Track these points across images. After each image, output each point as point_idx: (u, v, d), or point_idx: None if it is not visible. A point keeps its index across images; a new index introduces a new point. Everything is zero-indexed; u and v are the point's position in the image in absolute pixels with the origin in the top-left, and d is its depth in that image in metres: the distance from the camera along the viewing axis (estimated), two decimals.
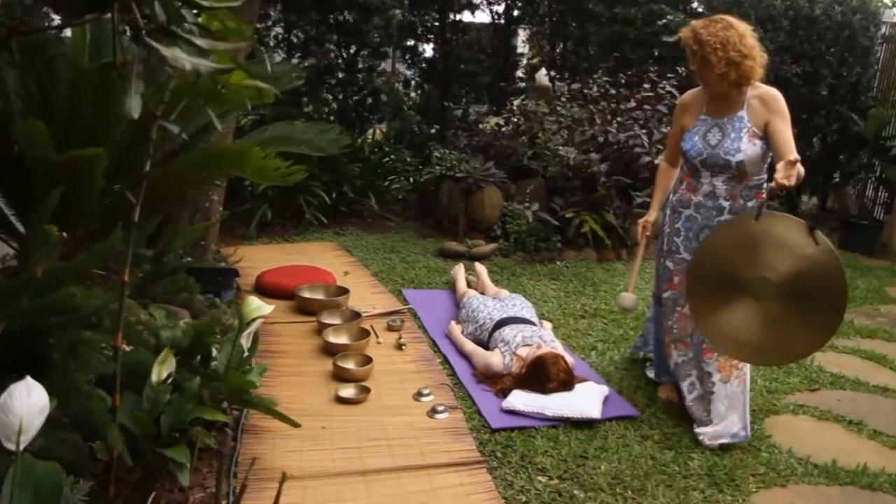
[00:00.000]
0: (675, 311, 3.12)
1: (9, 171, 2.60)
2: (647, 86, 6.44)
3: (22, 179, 2.61)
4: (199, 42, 1.52)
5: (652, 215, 3.29)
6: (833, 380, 3.67)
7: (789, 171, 2.58)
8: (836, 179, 8.00)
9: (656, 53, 7.92)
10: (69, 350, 1.94)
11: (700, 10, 7.91)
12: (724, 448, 2.87)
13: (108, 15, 1.64)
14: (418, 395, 3.13)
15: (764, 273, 2.68)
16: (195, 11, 1.65)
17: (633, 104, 6.20)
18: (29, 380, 1.31)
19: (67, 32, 2.74)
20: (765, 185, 2.95)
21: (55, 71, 2.39)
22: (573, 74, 7.26)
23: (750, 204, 2.92)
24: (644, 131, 5.84)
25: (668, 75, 6.42)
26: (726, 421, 2.91)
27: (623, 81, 6.60)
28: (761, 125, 2.85)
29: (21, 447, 1.27)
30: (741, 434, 2.90)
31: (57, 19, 2.12)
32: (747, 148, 2.85)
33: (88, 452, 2.04)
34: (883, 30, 7.78)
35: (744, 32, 2.83)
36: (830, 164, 7.77)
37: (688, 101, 3.12)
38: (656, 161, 5.63)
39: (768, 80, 7.54)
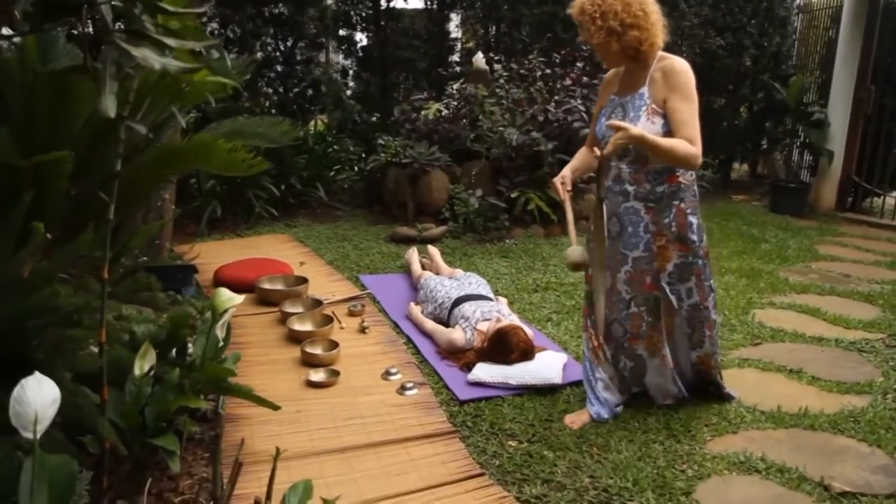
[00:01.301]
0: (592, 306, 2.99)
1: None
2: (580, 63, 6.63)
3: None
4: (169, 41, 1.59)
5: (564, 172, 2.95)
6: (773, 333, 3.91)
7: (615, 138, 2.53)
8: (764, 146, 8.38)
9: None
10: (54, 349, 1.98)
11: None
12: (678, 402, 3.06)
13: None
14: (386, 374, 3.23)
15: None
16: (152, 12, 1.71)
17: (569, 82, 6.38)
18: (38, 374, 1.37)
19: None
20: (679, 170, 2.73)
21: (8, 76, 2.40)
22: (508, 56, 7.39)
23: (659, 189, 2.73)
24: (582, 105, 6.02)
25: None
26: (663, 387, 3.02)
27: (557, 60, 6.77)
28: (661, 101, 2.64)
29: (38, 436, 1.33)
30: (679, 395, 3.03)
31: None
32: (645, 127, 2.60)
33: (76, 449, 2.10)
34: (798, 0, 8.16)
35: (630, 1, 2.59)
36: (758, 131, 8.13)
37: (607, 79, 2.92)
38: None
39: (694, 53, 7.82)
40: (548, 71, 6.56)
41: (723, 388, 3.14)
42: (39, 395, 1.34)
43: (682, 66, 2.65)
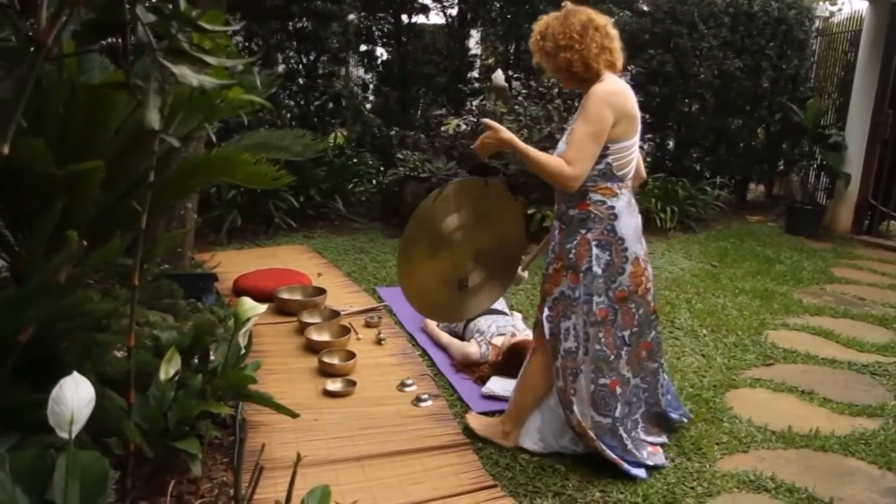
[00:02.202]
0: None
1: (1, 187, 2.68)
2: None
3: (13, 194, 2.69)
4: (208, 59, 1.66)
5: None
6: (786, 355, 3.93)
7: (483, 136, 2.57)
8: (781, 167, 8.39)
9: None
10: (83, 352, 2.05)
11: (645, 8, 8.22)
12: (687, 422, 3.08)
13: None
14: (402, 385, 3.28)
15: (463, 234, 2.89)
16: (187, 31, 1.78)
17: None
18: (76, 374, 1.44)
19: None
20: (590, 196, 2.59)
21: (48, 89, 2.49)
22: (528, 74, 7.47)
23: (571, 213, 2.63)
24: None
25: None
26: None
27: None
28: None
29: (73, 435, 1.40)
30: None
31: None
32: (560, 147, 2.61)
33: (100, 450, 2.16)
34: (817, 24, 8.19)
35: (573, 22, 2.54)
36: (774, 152, 8.15)
37: None
38: None
39: (713, 75, 7.82)
40: (566, 90, 6.62)
41: (621, 468, 2.68)
42: (76, 396, 1.41)
43: (597, 89, 2.52)
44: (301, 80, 7.24)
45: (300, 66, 7.31)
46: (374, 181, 7.30)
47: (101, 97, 2.51)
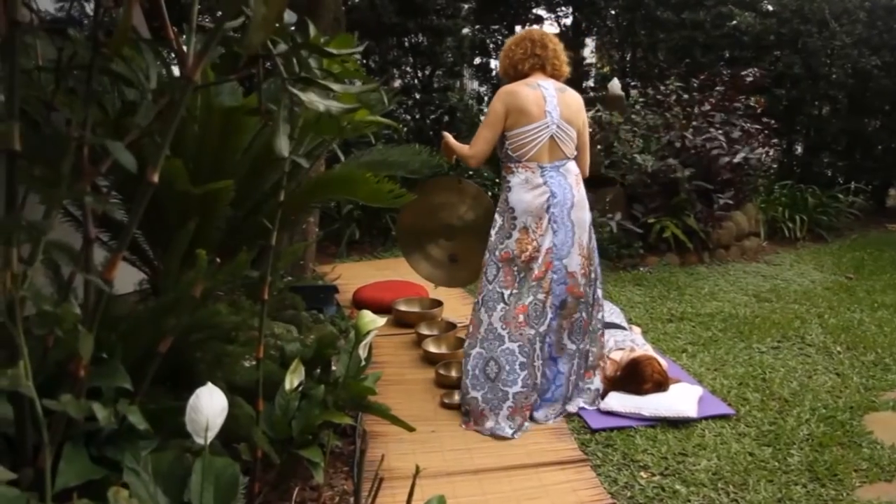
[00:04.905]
0: None
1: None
2: (720, 88, 6.46)
3: (153, 211, 2.88)
4: (333, 86, 1.73)
5: None
6: None
7: None
8: None
9: (727, 55, 7.92)
10: (214, 362, 2.16)
11: (770, 8, 7.88)
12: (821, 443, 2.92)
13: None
14: None
15: (448, 221, 3.57)
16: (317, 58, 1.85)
17: (707, 107, 6.24)
18: (210, 385, 1.52)
19: None
20: (502, 174, 3.22)
21: (186, 113, 2.65)
22: (644, 82, 7.32)
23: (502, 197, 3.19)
24: (721, 131, 5.87)
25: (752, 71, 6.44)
26: None
27: (696, 85, 6.64)
28: None
29: (208, 441, 1.48)
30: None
31: None
32: None
33: (229, 455, 2.27)
34: None
35: (517, 38, 3.33)
36: None
37: None
38: (735, 160, 5.69)
39: (846, 74, 7.43)
40: (685, 96, 6.44)
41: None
42: (211, 405, 1.49)
43: (501, 89, 3.22)
44: (417, 95, 7.39)
45: (416, 80, 7.46)
46: (490, 193, 7.33)
47: (233, 120, 2.66)
